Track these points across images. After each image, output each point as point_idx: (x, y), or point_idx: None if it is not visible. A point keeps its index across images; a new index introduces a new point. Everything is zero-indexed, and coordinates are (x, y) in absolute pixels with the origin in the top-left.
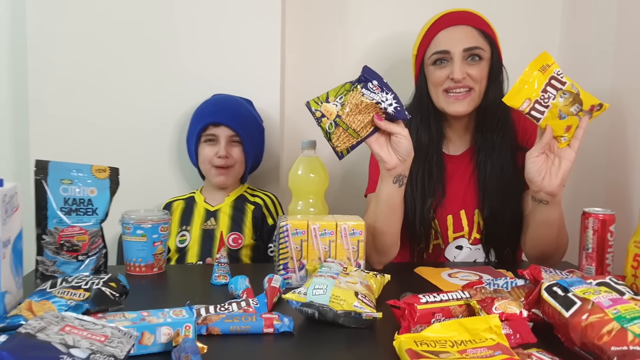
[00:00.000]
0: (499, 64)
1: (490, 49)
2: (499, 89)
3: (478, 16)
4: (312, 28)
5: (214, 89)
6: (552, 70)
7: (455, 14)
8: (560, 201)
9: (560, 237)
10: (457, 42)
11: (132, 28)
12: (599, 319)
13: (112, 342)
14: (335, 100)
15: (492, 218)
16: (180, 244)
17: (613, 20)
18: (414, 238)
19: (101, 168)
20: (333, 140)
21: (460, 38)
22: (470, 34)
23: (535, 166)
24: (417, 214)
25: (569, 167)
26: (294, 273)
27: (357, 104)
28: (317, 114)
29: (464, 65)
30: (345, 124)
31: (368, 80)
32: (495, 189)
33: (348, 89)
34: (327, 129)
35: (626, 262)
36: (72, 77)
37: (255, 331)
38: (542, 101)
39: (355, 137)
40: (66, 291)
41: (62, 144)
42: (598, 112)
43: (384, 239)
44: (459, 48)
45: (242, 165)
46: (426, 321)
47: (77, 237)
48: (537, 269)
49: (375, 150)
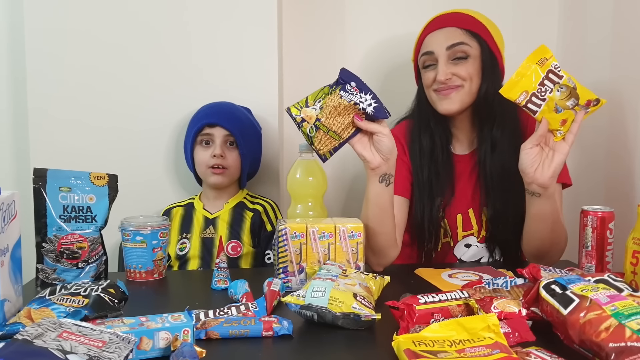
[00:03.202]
0: (493, 60)
1: (479, 45)
2: (495, 85)
3: (466, 15)
4: (309, 33)
5: (211, 95)
6: (549, 64)
7: (442, 17)
8: (554, 195)
9: (555, 232)
10: (440, 42)
11: (129, 37)
12: (596, 316)
13: (109, 348)
14: (314, 105)
15: (496, 216)
16: (180, 252)
17: (609, 12)
18: (422, 238)
19: (100, 175)
20: (315, 144)
21: (443, 38)
22: (453, 34)
23: (528, 157)
24: (426, 214)
25: (562, 160)
26: (294, 276)
27: (335, 106)
28: (297, 119)
29: (450, 66)
30: (325, 127)
31: (346, 82)
32: (498, 187)
33: (327, 92)
34: (308, 133)
35: (625, 259)
36: (71, 85)
37: (255, 334)
38: (539, 94)
39: (337, 139)
40: (65, 298)
41: (62, 152)
42: (595, 107)
43: (378, 239)
44: (442, 47)
45: (238, 167)
46: (425, 321)
47: (76, 244)
48: (536, 268)
49: (358, 150)
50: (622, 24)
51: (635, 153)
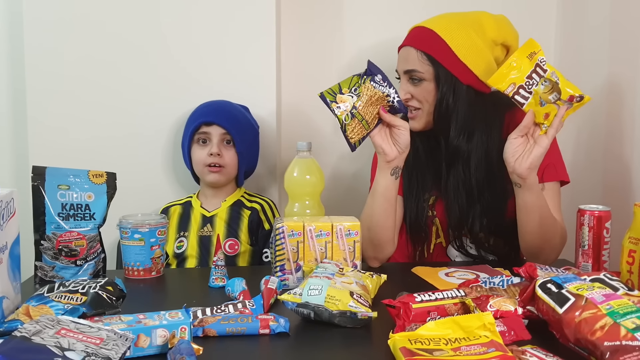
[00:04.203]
0: (449, 78)
1: (431, 68)
2: (457, 96)
3: (425, 32)
4: (307, 31)
5: (209, 94)
6: (537, 58)
7: (409, 34)
8: (536, 188)
9: (544, 227)
10: (400, 63)
11: (127, 37)
12: (592, 315)
13: (107, 345)
14: (349, 92)
15: (482, 229)
16: (177, 250)
17: (607, 10)
18: (416, 235)
19: (98, 173)
20: (348, 132)
21: (403, 60)
22: (408, 56)
23: (511, 147)
24: (415, 210)
25: (540, 153)
26: (291, 274)
27: (371, 95)
28: (332, 105)
29: (408, 86)
30: (360, 115)
31: (374, 74)
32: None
33: (357, 81)
34: (343, 120)
35: (621, 258)
36: (69, 82)
37: (251, 332)
38: (527, 87)
39: (367, 128)
40: (63, 295)
41: (60, 149)
42: (579, 103)
43: (381, 232)
44: (401, 69)
45: (235, 166)
46: (421, 320)
47: (75, 242)
48: (533, 267)
49: (377, 142)
50: (620, 22)
51: (633, 152)
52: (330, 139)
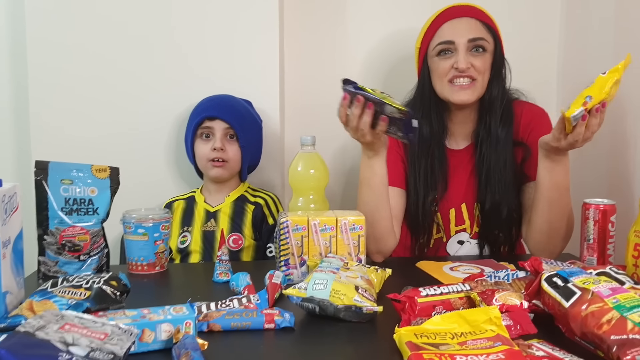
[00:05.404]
0: (502, 58)
1: (493, 41)
2: (502, 82)
3: (481, 10)
4: (311, 25)
5: (212, 89)
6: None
7: (460, 7)
8: (564, 164)
9: (568, 209)
10: (461, 33)
11: (130, 31)
12: (598, 309)
13: (112, 340)
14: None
15: (492, 211)
16: (181, 245)
17: (612, 8)
18: (416, 231)
19: (101, 168)
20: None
21: (465, 29)
22: (474, 26)
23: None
24: (420, 207)
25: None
26: (296, 269)
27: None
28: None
29: (468, 56)
30: None
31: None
32: (497, 182)
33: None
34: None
35: (627, 252)
36: (72, 77)
37: (256, 327)
38: None
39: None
40: (67, 290)
41: (63, 144)
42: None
43: (377, 224)
44: (464, 39)
45: (239, 160)
46: (427, 314)
47: (78, 237)
48: (538, 261)
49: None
50: (625, 20)
51: (638, 146)
52: (334, 133)
